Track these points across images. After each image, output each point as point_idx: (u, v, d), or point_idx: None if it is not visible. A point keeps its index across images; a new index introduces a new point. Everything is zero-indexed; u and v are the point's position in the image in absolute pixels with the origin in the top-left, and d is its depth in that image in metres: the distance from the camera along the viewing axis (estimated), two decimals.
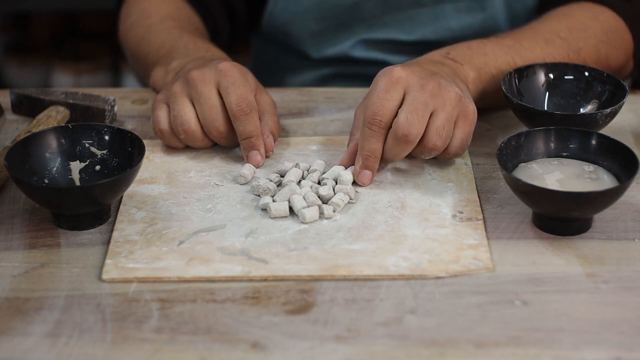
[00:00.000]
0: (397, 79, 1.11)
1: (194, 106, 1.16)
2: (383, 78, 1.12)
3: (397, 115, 1.10)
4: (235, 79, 1.15)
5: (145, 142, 1.10)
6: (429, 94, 1.10)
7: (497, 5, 1.42)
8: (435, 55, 1.22)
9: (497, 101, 1.23)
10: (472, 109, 1.13)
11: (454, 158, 1.16)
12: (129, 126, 1.27)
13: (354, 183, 1.12)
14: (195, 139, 1.17)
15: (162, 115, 1.17)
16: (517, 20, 1.43)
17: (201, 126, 1.16)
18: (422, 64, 1.17)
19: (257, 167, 1.16)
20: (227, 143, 1.17)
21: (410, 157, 1.15)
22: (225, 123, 1.15)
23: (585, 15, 1.31)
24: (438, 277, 0.99)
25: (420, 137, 1.10)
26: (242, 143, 1.15)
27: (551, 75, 1.23)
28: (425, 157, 1.13)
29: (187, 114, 1.16)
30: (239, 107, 1.14)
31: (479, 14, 1.42)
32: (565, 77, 1.23)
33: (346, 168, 1.13)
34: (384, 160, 1.13)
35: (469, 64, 1.22)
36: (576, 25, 1.30)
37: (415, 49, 1.38)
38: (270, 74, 1.52)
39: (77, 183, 1.10)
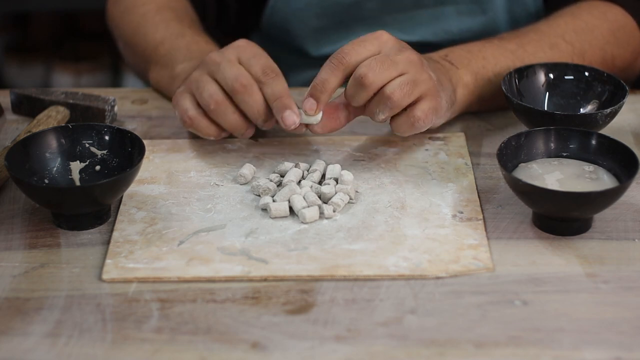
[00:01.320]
0: (378, 35, 1.11)
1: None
2: (367, 34, 1.12)
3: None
4: (255, 52, 1.15)
5: (145, 142, 1.10)
6: (403, 58, 1.10)
7: (498, 8, 1.42)
8: (434, 55, 1.23)
9: (493, 105, 1.24)
10: (442, 101, 1.13)
11: (415, 131, 1.13)
12: (129, 126, 1.27)
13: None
14: (227, 109, 1.14)
15: (187, 104, 1.16)
16: (518, 24, 1.42)
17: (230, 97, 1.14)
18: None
19: (294, 128, 1.12)
20: (258, 107, 1.13)
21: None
22: (249, 77, 1.13)
23: (593, 14, 1.31)
24: (438, 277, 0.99)
25: (378, 86, 1.09)
26: (273, 106, 1.12)
27: (551, 76, 1.23)
28: (380, 114, 1.11)
29: (213, 86, 1.14)
30: (264, 73, 1.13)
31: (479, 16, 1.42)
32: (565, 77, 1.23)
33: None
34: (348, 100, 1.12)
35: (465, 67, 1.22)
36: (583, 27, 1.29)
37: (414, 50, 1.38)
38: None
39: (77, 183, 1.10)
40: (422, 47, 1.36)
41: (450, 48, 1.24)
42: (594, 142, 1.10)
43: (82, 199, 1.05)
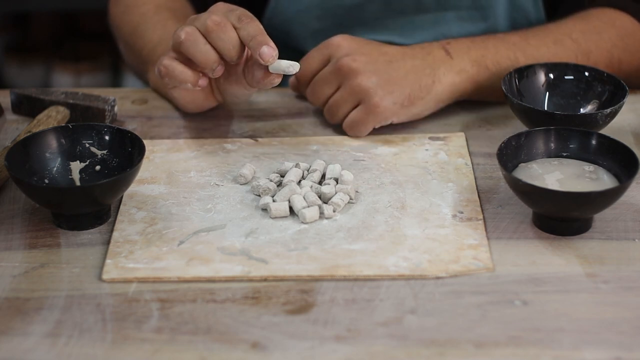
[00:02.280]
0: (327, 44, 1.24)
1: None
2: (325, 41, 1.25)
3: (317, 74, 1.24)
4: (233, 7, 1.15)
5: (145, 142, 1.10)
6: (335, 70, 1.21)
7: (499, 16, 1.42)
8: (435, 42, 1.25)
9: (493, 95, 1.24)
10: (378, 103, 1.19)
11: (355, 136, 1.22)
12: (129, 126, 1.27)
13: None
14: (198, 39, 1.13)
15: (163, 57, 1.16)
16: None
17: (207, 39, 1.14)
18: (393, 48, 1.24)
19: (272, 62, 1.12)
20: (233, 42, 1.13)
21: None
22: (225, 18, 1.13)
23: (602, 20, 1.32)
24: (438, 277, 0.99)
25: (323, 103, 1.24)
26: (250, 46, 1.12)
27: (551, 75, 1.23)
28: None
29: (188, 26, 1.14)
30: (239, 20, 1.13)
31: (480, 23, 1.42)
32: (565, 77, 1.23)
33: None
34: None
35: (462, 56, 1.23)
36: (590, 29, 1.30)
37: None
38: None
39: (77, 183, 1.10)
40: None
41: (456, 38, 1.26)
42: (594, 142, 1.10)
43: (82, 199, 1.05)
